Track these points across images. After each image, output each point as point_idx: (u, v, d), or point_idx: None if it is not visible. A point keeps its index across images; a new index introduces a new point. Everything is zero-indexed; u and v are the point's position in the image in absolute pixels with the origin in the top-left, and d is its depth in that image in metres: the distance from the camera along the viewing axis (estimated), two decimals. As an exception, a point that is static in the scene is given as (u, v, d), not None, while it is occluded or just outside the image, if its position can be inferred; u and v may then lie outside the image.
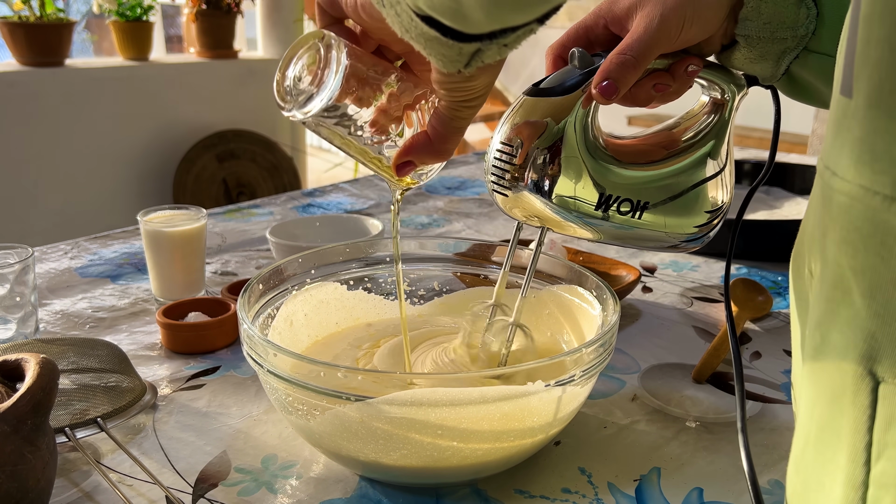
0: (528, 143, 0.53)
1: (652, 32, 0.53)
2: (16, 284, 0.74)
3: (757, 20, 0.55)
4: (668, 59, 0.56)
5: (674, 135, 0.60)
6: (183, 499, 0.53)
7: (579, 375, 0.51)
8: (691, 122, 0.60)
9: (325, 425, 0.51)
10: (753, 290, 0.85)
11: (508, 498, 0.53)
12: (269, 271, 0.65)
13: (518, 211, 0.56)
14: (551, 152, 0.53)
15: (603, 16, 0.58)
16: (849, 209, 0.28)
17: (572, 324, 0.65)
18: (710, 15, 0.55)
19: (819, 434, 0.30)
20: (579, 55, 0.54)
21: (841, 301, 0.28)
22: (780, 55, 0.56)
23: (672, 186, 0.57)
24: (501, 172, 0.54)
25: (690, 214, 0.58)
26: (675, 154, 0.58)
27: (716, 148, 0.59)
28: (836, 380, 0.29)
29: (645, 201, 0.56)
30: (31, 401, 0.46)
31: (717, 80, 0.59)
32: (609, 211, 0.55)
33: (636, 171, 0.56)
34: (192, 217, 0.87)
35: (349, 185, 1.45)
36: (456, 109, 0.46)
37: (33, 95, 2.45)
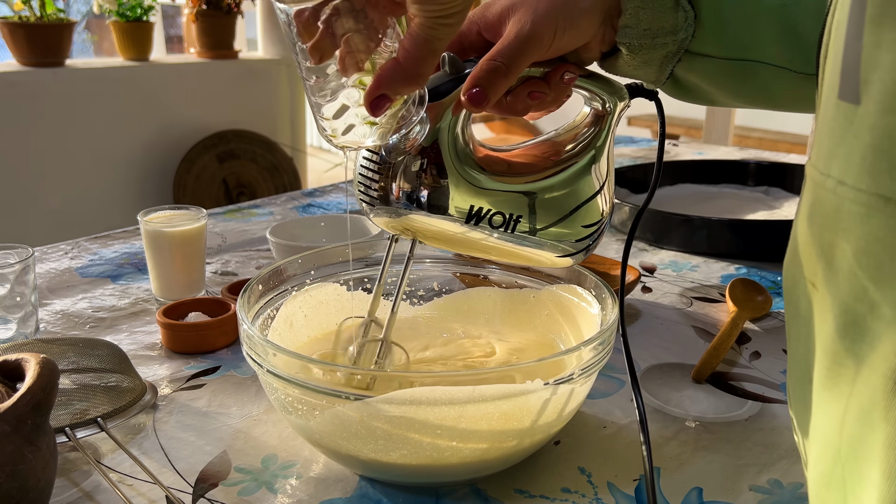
0: (395, 152, 0.51)
1: (523, 39, 0.52)
2: (16, 284, 0.74)
3: (636, 27, 0.54)
4: (543, 67, 0.54)
5: (556, 146, 0.58)
6: (183, 499, 0.53)
7: (578, 374, 0.51)
8: (572, 133, 0.59)
9: (324, 425, 0.51)
10: (753, 290, 0.85)
11: (508, 497, 0.53)
12: (269, 271, 0.65)
13: (390, 224, 0.53)
14: (420, 161, 0.51)
15: (476, 21, 0.56)
16: (866, 219, 0.27)
17: (571, 324, 0.66)
18: (583, 22, 0.53)
19: (850, 451, 0.29)
20: (450, 60, 0.52)
21: (867, 314, 0.27)
22: (663, 60, 0.56)
23: (553, 200, 0.55)
24: (368, 182, 0.51)
25: (569, 229, 0.56)
26: (554, 166, 0.56)
27: (596, 159, 0.57)
28: (864, 395, 0.28)
29: (518, 215, 0.54)
30: (32, 401, 0.46)
31: (597, 90, 0.57)
32: (480, 225, 0.53)
33: (511, 183, 0.54)
34: (193, 217, 0.87)
35: (349, 185, 1.45)
36: (431, 28, 0.44)
37: (33, 95, 2.45)
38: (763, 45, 0.54)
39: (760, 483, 0.55)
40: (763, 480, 0.55)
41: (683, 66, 0.57)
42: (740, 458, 0.58)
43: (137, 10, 2.67)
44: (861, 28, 0.27)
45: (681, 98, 0.61)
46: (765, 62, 0.55)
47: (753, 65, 0.55)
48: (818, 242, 0.31)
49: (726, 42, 0.55)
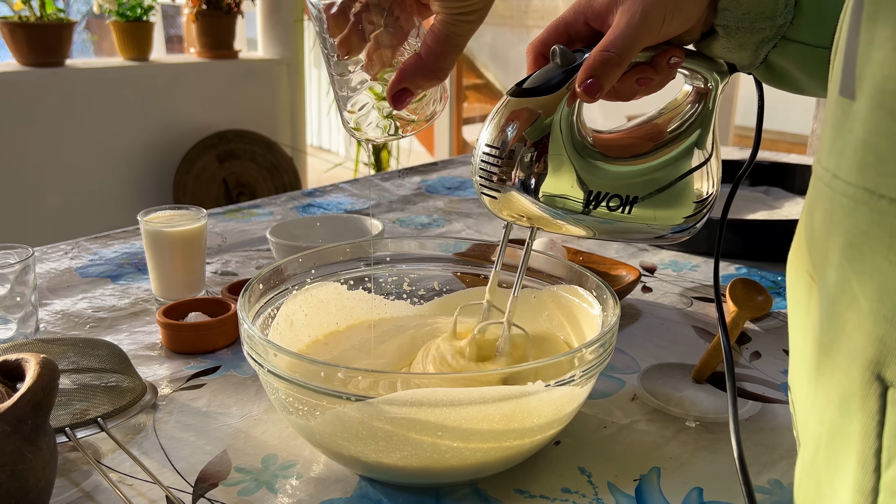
0: (514, 144, 0.53)
1: (634, 27, 0.52)
2: (16, 284, 0.74)
3: (736, 10, 0.54)
4: (649, 52, 0.56)
5: (658, 126, 0.59)
6: (183, 498, 0.53)
7: (579, 375, 0.51)
8: (675, 112, 0.60)
9: (325, 425, 0.51)
10: (753, 290, 0.85)
11: (508, 498, 0.53)
12: (270, 271, 0.65)
13: (507, 211, 0.56)
14: (538, 151, 0.53)
15: (582, 11, 0.57)
16: (853, 212, 0.27)
17: (572, 324, 0.65)
18: (691, 6, 0.54)
19: (829, 440, 0.30)
20: (561, 53, 0.54)
21: (849, 305, 0.28)
22: (759, 44, 0.56)
23: (660, 179, 0.57)
24: (489, 174, 0.54)
25: (678, 206, 0.57)
26: (660, 146, 0.58)
27: (701, 137, 0.58)
28: (844, 385, 0.28)
29: (634, 196, 0.56)
30: (32, 401, 0.46)
31: (699, 69, 0.58)
32: (598, 208, 0.55)
33: (623, 165, 0.56)
34: (193, 217, 0.87)
35: (349, 185, 1.45)
36: (453, 24, 0.44)
37: (33, 95, 2.45)
38: None
39: (760, 483, 0.55)
40: (763, 480, 0.55)
41: (778, 52, 0.57)
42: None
43: (137, 10, 2.67)
44: (858, 25, 0.28)
45: (770, 83, 0.62)
46: None
47: None
48: (817, 236, 0.32)
49: (824, 31, 0.55)
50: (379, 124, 0.50)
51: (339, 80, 0.49)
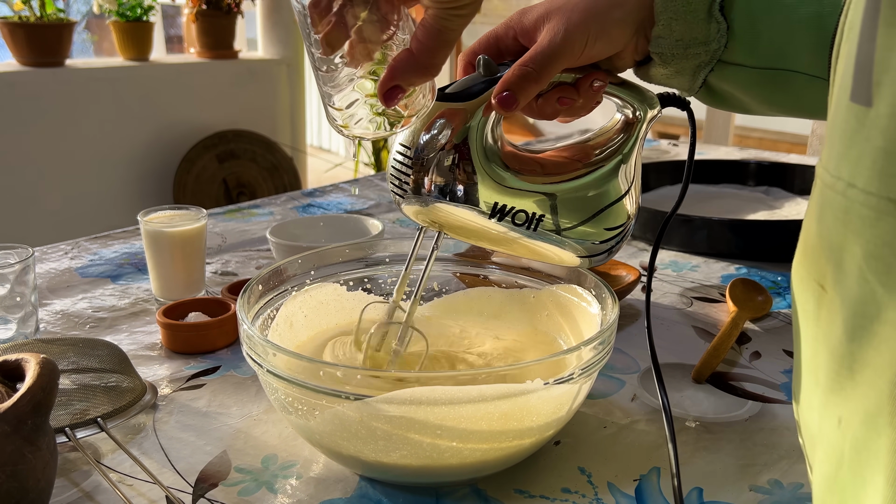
0: (427, 147, 0.53)
1: (555, 46, 0.53)
2: (16, 284, 0.74)
3: (669, 37, 0.55)
4: (574, 74, 0.56)
5: (587, 148, 0.59)
6: (183, 499, 0.53)
7: (578, 374, 0.51)
8: (603, 138, 0.60)
9: (324, 425, 0.51)
10: (753, 290, 0.85)
11: (508, 497, 0.53)
12: (269, 272, 0.65)
13: (419, 216, 0.56)
14: (449, 157, 0.53)
15: (513, 26, 0.57)
16: (875, 223, 0.27)
17: (571, 324, 0.66)
18: (616, 32, 0.54)
19: (854, 455, 0.29)
20: (484, 63, 0.54)
21: (874, 318, 0.27)
22: (696, 70, 0.57)
23: (576, 202, 0.57)
24: (400, 175, 0.54)
25: (592, 231, 0.58)
26: (584, 168, 0.58)
27: (624, 164, 0.59)
28: (870, 399, 0.27)
29: (541, 214, 0.55)
30: (32, 401, 0.46)
31: (627, 98, 0.59)
32: (503, 221, 0.55)
33: (537, 183, 0.56)
34: (193, 217, 0.87)
35: (349, 185, 1.45)
36: (444, 18, 0.44)
37: (33, 95, 2.45)
38: (797, 54, 0.55)
39: (760, 483, 0.55)
40: (763, 480, 0.55)
41: (716, 76, 0.57)
42: (740, 458, 0.58)
43: (137, 10, 2.67)
44: (874, 30, 0.27)
45: (715, 106, 0.62)
46: (798, 71, 0.56)
47: (787, 74, 0.56)
48: (827, 244, 0.31)
49: (759, 52, 0.55)
50: (370, 121, 0.50)
51: (325, 76, 0.48)
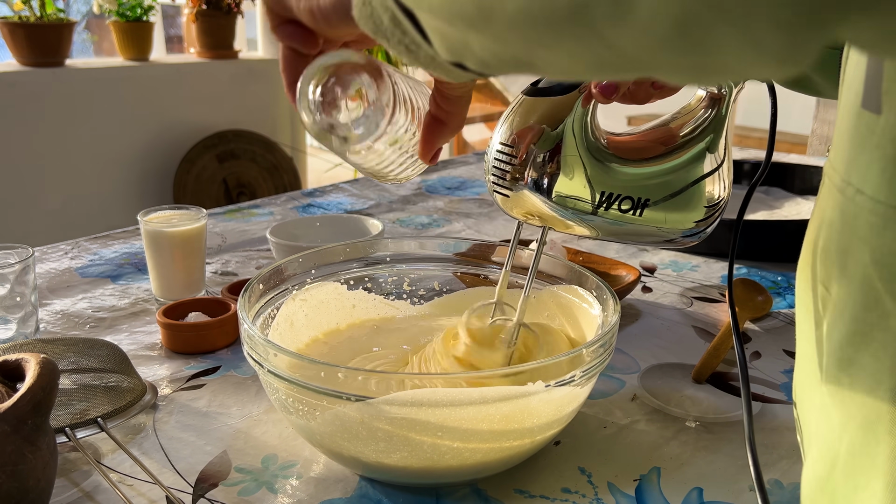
0: (527, 143, 0.53)
1: None
2: (16, 284, 0.74)
3: None
4: None
5: (671, 130, 0.59)
6: (183, 499, 0.53)
7: (579, 376, 0.51)
8: (688, 117, 0.60)
9: (325, 425, 0.51)
10: (753, 290, 0.85)
11: (508, 498, 0.53)
12: (270, 271, 0.65)
13: (518, 210, 0.56)
14: (551, 151, 0.53)
15: None
16: (882, 231, 0.26)
17: (572, 324, 0.65)
18: None
19: (849, 458, 0.29)
20: None
21: (875, 324, 0.27)
22: None
23: (672, 183, 0.57)
24: (502, 172, 0.54)
25: (690, 210, 0.58)
26: (673, 150, 0.58)
27: (714, 142, 0.59)
28: (869, 405, 0.27)
29: (646, 199, 0.56)
30: (32, 401, 0.46)
31: None
32: (610, 209, 0.55)
33: (636, 168, 0.56)
34: (193, 217, 0.87)
35: (349, 185, 1.45)
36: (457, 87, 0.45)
37: (33, 95, 2.45)
38: None
39: (761, 483, 0.55)
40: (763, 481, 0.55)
41: None
42: (740, 458, 0.58)
43: (137, 10, 2.67)
44: None
45: (790, 87, 0.61)
46: None
47: None
48: (834, 247, 0.31)
49: None
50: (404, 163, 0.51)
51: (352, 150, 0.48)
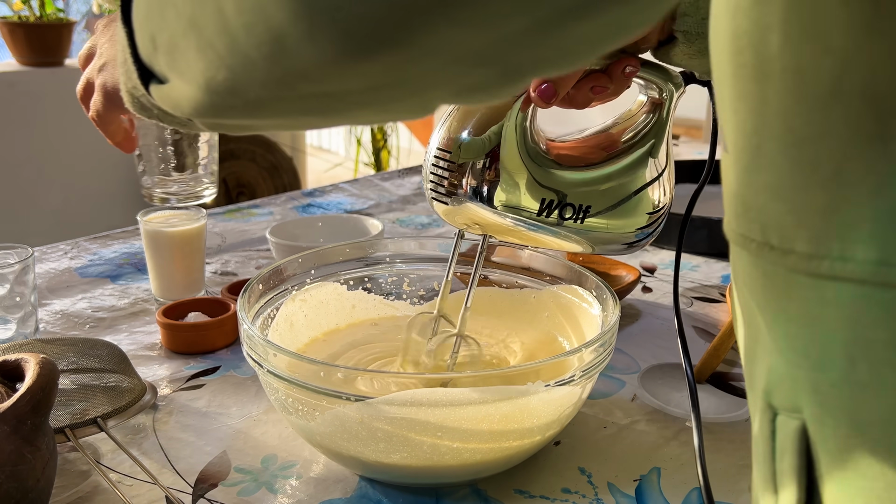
0: (467, 150, 0.52)
1: None
2: (16, 284, 0.74)
3: (695, 15, 0.54)
4: (605, 60, 0.55)
5: (613, 136, 0.59)
6: (183, 499, 0.53)
7: (579, 376, 0.51)
8: (629, 122, 0.59)
9: (324, 426, 0.51)
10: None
11: (508, 498, 0.53)
12: (269, 271, 0.65)
13: (459, 218, 0.55)
14: (490, 158, 0.52)
15: None
16: (738, 256, 0.28)
17: (572, 324, 0.65)
18: None
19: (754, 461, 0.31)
20: None
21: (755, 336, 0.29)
22: None
23: (614, 190, 0.56)
24: (439, 179, 0.53)
25: (632, 216, 0.57)
26: (615, 155, 0.57)
27: (655, 147, 0.58)
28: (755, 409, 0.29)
29: (587, 206, 0.55)
30: (31, 401, 0.46)
31: (654, 79, 0.58)
32: (551, 216, 0.54)
33: (577, 174, 0.55)
34: (192, 217, 0.87)
35: (349, 185, 1.45)
36: None
37: (33, 95, 2.45)
38: None
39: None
40: (763, 481, 0.55)
41: None
42: (740, 459, 0.58)
43: (137, 9, 2.66)
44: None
45: None
46: None
47: None
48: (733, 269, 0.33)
49: None
50: None
51: None
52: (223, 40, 0.26)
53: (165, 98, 0.36)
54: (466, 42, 0.23)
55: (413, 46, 0.23)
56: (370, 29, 0.22)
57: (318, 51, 0.23)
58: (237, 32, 0.25)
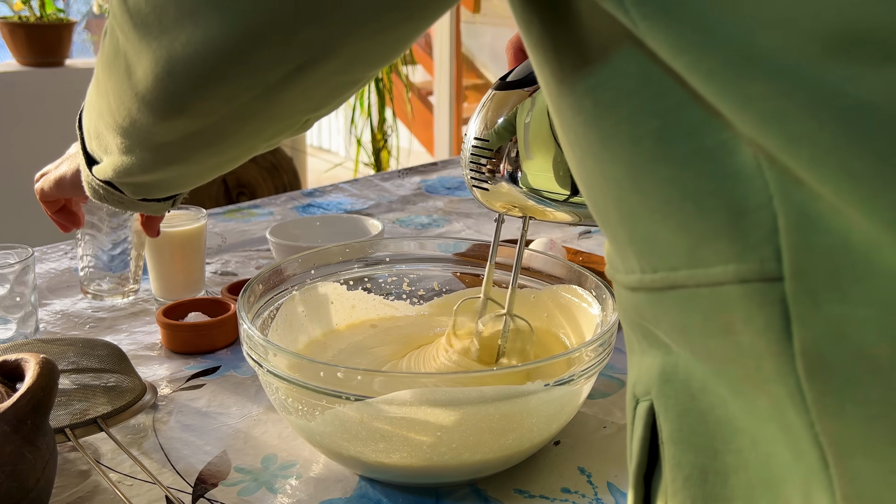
0: (504, 135, 0.53)
1: None
2: (16, 284, 0.74)
3: None
4: None
5: None
6: (183, 499, 0.53)
7: (579, 375, 0.51)
8: None
9: (324, 425, 0.51)
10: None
11: (508, 498, 0.53)
12: (269, 271, 0.65)
13: (498, 203, 0.56)
14: None
15: None
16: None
17: (572, 324, 0.66)
18: None
19: None
20: None
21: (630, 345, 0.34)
22: None
23: None
24: (478, 167, 0.55)
25: None
26: None
27: None
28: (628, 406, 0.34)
29: None
30: (31, 401, 0.46)
31: None
32: None
33: None
34: (192, 217, 0.87)
35: (349, 185, 1.45)
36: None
37: (33, 95, 2.45)
38: None
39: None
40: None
41: None
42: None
43: (137, 9, 2.66)
44: None
45: None
46: None
47: None
48: None
49: None
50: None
51: None
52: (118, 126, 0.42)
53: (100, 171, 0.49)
54: (223, 108, 0.36)
55: (193, 110, 0.36)
56: (170, 102, 0.36)
57: (153, 117, 0.38)
58: (121, 122, 0.41)
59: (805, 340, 0.24)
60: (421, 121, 3.57)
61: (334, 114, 3.78)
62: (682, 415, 0.30)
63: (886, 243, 0.22)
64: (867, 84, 0.21)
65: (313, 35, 0.31)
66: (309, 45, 0.31)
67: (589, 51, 0.28)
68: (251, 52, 0.31)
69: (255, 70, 0.32)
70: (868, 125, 0.22)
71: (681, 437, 0.30)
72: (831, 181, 0.23)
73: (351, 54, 0.32)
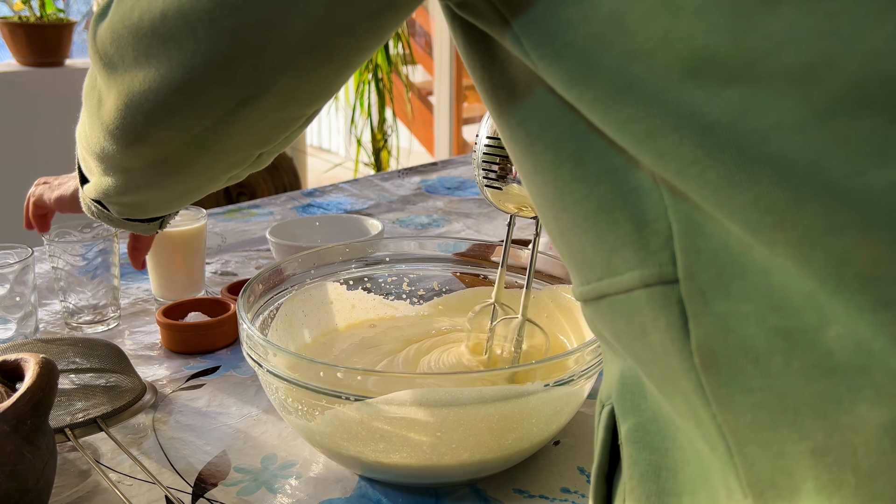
0: None
1: None
2: (16, 284, 0.74)
3: None
4: None
5: None
6: (182, 498, 0.53)
7: (579, 375, 0.51)
8: None
9: (324, 425, 0.51)
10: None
11: (508, 497, 0.53)
12: (269, 271, 0.65)
13: (511, 203, 0.57)
14: None
15: None
16: None
17: (572, 324, 0.66)
18: None
19: None
20: None
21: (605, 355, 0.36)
22: None
23: None
24: (489, 166, 0.55)
25: None
26: None
27: None
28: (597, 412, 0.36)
29: None
30: (31, 400, 0.46)
31: None
32: None
33: None
34: (192, 217, 0.87)
35: (349, 185, 1.45)
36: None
37: (33, 95, 2.45)
38: None
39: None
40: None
41: None
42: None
43: (137, 9, 2.66)
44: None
45: None
46: None
47: None
48: None
49: None
50: None
51: None
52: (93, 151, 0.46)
53: (88, 189, 0.52)
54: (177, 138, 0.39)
55: (151, 140, 0.40)
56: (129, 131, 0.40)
57: (117, 145, 0.42)
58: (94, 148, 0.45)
59: (699, 337, 0.27)
60: (421, 121, 3.57)
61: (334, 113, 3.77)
62: (636, 415, 0.32)
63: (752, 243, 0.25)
64: (719, 103, 0.25)
65: (249, 74, 0.35)
66: (245, 83, 0.35)
67: (516, 88, 0.32)
68: (197, 88, 0.36)
69: (202, 104, 0.37)
70: (719, 139, 0.24)
71: (637, 437, 0.32)
72: (695, 190, 0.25)
73: (284, 92, 0.36)
